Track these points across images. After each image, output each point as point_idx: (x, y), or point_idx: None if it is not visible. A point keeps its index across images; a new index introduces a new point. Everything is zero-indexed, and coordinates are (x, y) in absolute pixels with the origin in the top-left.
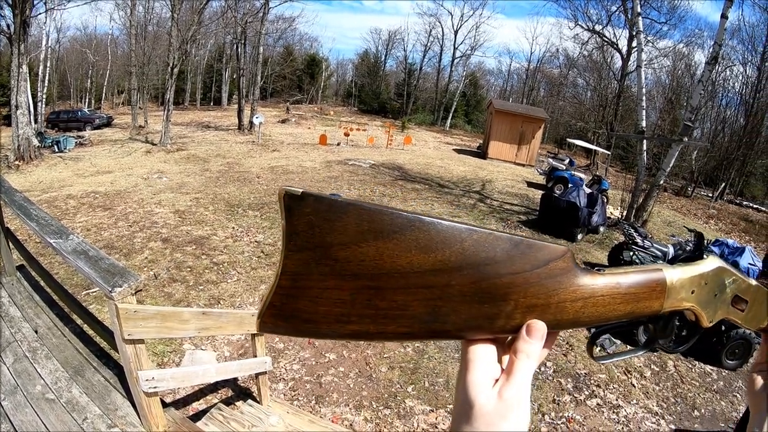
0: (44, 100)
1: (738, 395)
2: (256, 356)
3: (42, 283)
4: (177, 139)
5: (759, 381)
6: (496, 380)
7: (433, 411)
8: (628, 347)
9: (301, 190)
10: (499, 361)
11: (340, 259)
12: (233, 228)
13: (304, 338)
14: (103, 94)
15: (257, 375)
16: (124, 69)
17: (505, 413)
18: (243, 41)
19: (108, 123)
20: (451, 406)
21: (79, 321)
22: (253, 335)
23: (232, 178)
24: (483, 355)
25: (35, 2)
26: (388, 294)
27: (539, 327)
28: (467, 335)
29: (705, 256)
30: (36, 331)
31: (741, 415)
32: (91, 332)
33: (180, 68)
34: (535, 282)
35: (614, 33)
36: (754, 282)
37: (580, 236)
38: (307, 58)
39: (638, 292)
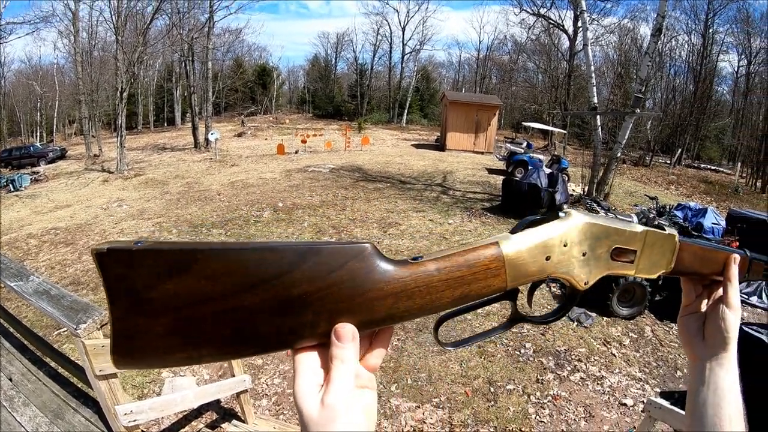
0: None
1: None
2: (234, 376)
3: (11, 329)
4: (133, 164)
5: (689, 325)
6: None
7: (419, 407)
8: (492, 326)
9: (107, 247)
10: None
11: (153, 298)
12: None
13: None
14: (55, 126)
15: (238, 394)
16: (73, 98)
17: (332, 419)
18: (191, 58)
19: (62, 155)
20: (436, 399)
21: (53, 363)
22: None
23: (193, 198)
24: (306, 363)
25: None
26: (198, 322)
27: (345, 331)
28: (283, 348)
29: (563, 214)
30: (10, 379)
31: None
32: (66, 373)
33: (129, 91)
34: (333, 286)
35: (559, 15)
36: (640, 228)
37: None
38: (258, 69)
39: (466, 275)
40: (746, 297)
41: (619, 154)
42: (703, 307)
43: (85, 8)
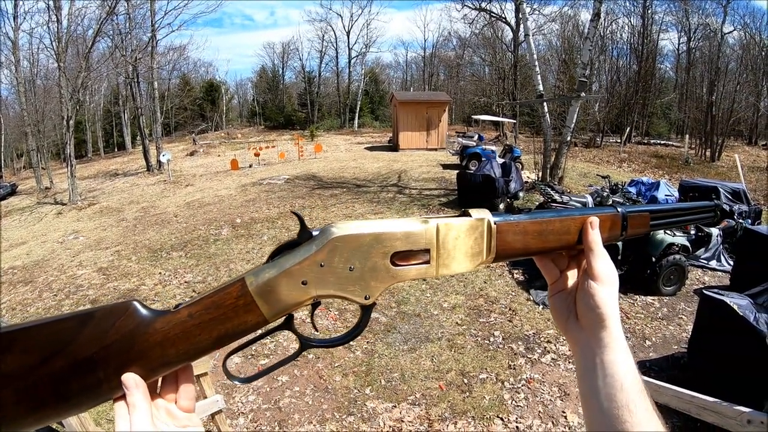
0: None
1: (683, 316)
2: (206, 397)
3: None
4: (86, 193)
5: (559, 306)
6: None
7: (395, 406)
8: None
9: None
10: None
11: None
12: (160, 273)
13: (254, 366)
14: (2, 162)
15: (213, 415)
16: (18, 130)
17: None
18: (136, 79)
19: (12, 191)
20: (411, 396)
21: None
22: (198, 376)
23: (149, 223)
24: (119, 412)
25: None
26: (31, 389)
27: (127, 380)
28: (100, 400)
29: (316, 233)
30: None
31: (690, 335)
32: None
33: (76, 119)
34: (112, 344)
35: (501, 8)
36: (423, 226)
37: (501, 206)
38: (205, 85)
39: (216, 316)
40: (705, 262)
41: (569, 138)
42: (571, 282)
43: (25, 36)
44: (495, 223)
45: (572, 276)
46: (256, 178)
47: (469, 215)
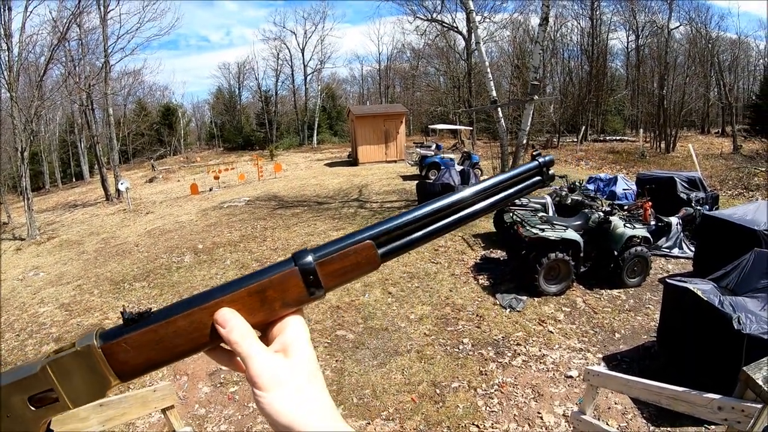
0: None
1: (650, 306)
2: (174, 430)
3: None
4: (45, 227)
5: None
6: None
7: (369, 423)
8: None
9: None
10: None
11: None
12: (124, 306)
13: (224, 394)
14: None
15: None
16: None
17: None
18: (91, 106)
19: None
20: (384, 412)
21: None
22: (164, 410)
23: (110, 254)
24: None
25: None
26: None
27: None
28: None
29: None
30: None
31: (658, 323)
32: None
33: (32, 150)
34: None
35: (452, 17)
36: (37, 369)
37: None
38: (162, 109)
39: None
40: (668, 251)
41: (525, 141)
42: None
43: None
44: (100, 348)
45: None
46: (217, 201)
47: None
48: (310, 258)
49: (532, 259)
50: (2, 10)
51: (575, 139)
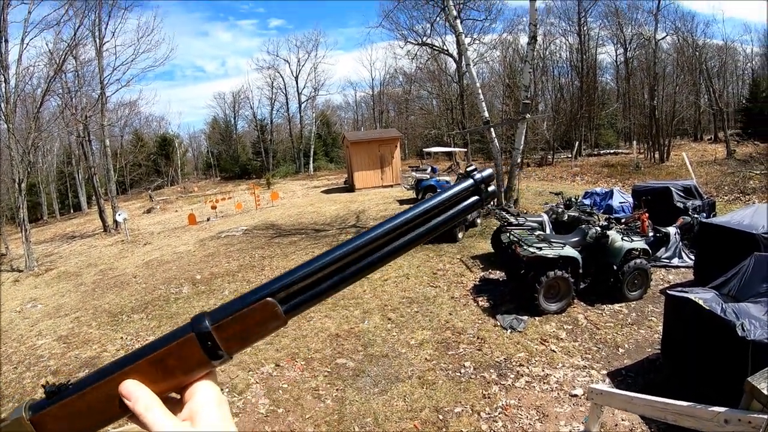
0: None
1: (653, 318)
2: None
3: None
4: (43, 258)
5: None
6: None
7: None
8: None
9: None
10: None
11: None
12: (122, 338)
13: None
14: None
15: None
16: None
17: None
18: (87, 137)
19: None
20: None
21: None
22: None
23: (108, 286)
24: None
25: None
26: None
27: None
28: None
29: None
30: None
31: (661, 336)
32: None
33: (29, 181)
34: None
35: (442, 40)
36: None
37: (460, 235)
38: (158, 140)
39: None
40: (667, 261)
41: (519, 160)
42: None
43: None
44: (30, 420)
45: None
46: (215, 231)
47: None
48: (206, 323)
49: (531, 278)
50: None
51: (570, 155)
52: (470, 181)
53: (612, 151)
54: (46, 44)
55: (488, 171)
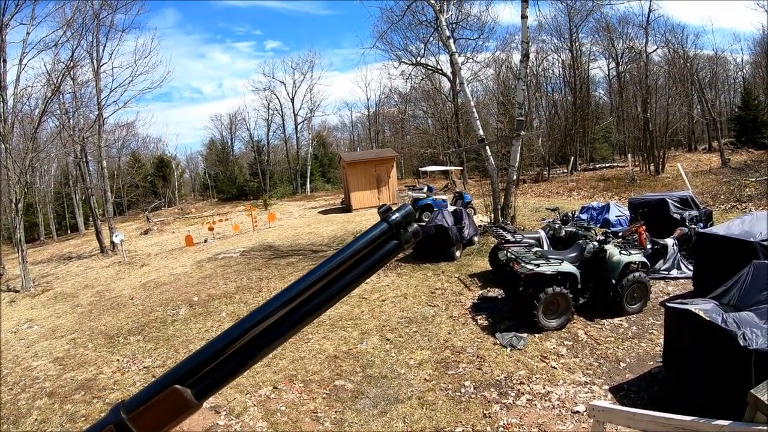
0: None
1: (654, 331)
2: None
3: None
4: (40, 279)
5: None
6: None
7: None
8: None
9: None
10: None
11: None
12: (118, 360)
13: None
14: None
15: None
16: None
17: None
18: (85, 159)
19: None
20: None
21: None
22: None
23: (105, 307)
24: None
25: None
26: None
27: None
28: None
29: None
30: None
31: (663, 348)
32: None
33: (26, 201)
34: None
35: (436, 60)
36: None
37: (458, 253)
38: (155, 161)
39: None
40: (666, 273)
41: (515, 177)
42: None
43: None
44: None
45: None
46: (212, 252)
47: None
48: (122, 414)
49: (530, 295)
50: None
51: (566, 170)
52: (384, 225)
53: (607, 165)
54: (44, 65)
55: (406, 209)
